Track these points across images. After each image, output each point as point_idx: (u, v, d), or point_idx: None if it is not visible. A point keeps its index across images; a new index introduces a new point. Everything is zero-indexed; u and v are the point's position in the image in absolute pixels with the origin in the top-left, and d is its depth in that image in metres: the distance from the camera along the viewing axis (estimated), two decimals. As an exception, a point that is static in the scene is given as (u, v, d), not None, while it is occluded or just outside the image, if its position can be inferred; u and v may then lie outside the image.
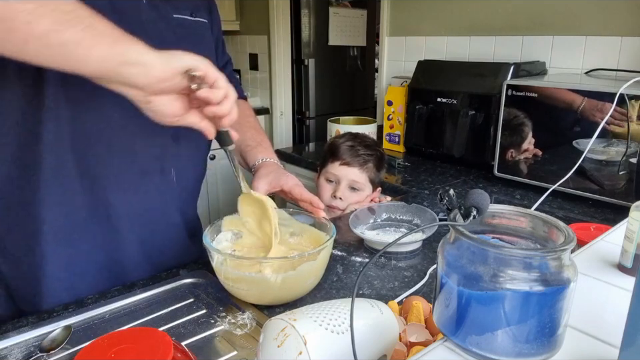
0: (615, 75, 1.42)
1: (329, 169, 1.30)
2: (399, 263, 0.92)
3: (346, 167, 1.26)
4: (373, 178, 1.29)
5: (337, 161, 1.27)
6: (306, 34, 2.97)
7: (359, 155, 1.27)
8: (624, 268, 0.58)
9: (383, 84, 2.17)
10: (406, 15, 2.05)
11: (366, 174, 1.27)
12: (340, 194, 1.26)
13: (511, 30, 1.70)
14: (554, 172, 1.24)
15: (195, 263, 0.90)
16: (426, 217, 1.03)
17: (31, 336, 0.68)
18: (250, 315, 0.72)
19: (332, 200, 1.28)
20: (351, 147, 1.28)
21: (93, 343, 0.52)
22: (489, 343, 0.42)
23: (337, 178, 1.28)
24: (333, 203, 1.28)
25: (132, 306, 0.76)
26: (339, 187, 1.27)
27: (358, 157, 1.27)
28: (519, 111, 1.31)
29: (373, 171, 1.28)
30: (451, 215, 0.47)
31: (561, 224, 0.45)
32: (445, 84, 1.62)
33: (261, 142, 1.02)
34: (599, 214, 1.18)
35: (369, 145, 1.31)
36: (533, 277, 0.40)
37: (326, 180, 1.31)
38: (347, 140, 1.31)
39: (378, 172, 1.30)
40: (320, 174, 1.35)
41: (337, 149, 1.29)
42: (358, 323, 0.54)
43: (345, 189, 1.27)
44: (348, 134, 1.37)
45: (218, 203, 2.71)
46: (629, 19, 1.41)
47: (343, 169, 1.27)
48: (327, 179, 1.31)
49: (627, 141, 1.11)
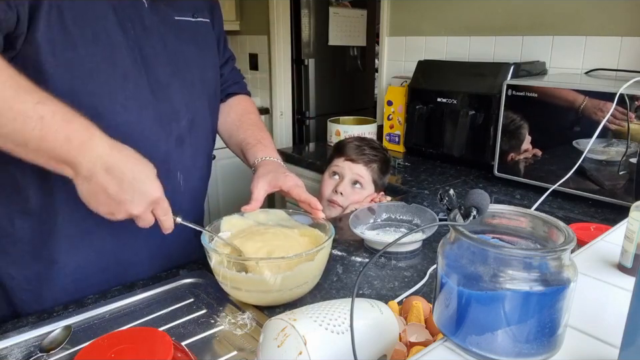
0: (615, 75, 1.42)
1: (334, 163, 1.32)
2: (399, 263, 0.92)
3: (350, 163, 1.29)
4: (376, 179, 1.29)
5: (342, 157, 1.30)
6: (306, 34, 2.97)
7: (365, 154, 1.29)
8: (624, 268, 0.58)
9: (383, 84, 2.17)
10: (406, 15, 2.05)
11: (370, 173, 1.28)
12: (342, 189, 1.27)
13: (510, 30, 1.70)
14: (554, 172, 1.24)
15: (195, 263, 0.90)
16: (426, 217, 1.03)
17: (30, 336, 0.68)
18: (250, 315, 0.72)
19: (333, 195, 1.28)
20: (358, 146, 1.31)
21: (93, 343, 0.53)
22: (489, 343, 0.42)
23: (341, 172, 1.29)
24: (333, 198, 1.28)
25: (132, 306, 0.76)
26: (341, 182, 1.28)
27: (363, 155, 1.29)
28: (519, 111, 1.31)
29: (377, 172, 1.29)
30: (451, 215, 0.47)
31: (560, 224, 0.45)
32: (445, 84, 1.62)
33: (261, 139, 1.02)
34: (599, 214, 1.17)
35: (376, 147, 1.33)
36: (533, 276, 0.40)
37: (330, 175, 1.32)
38: (354, 140, 1.35)
39: (382, 175, 1.31)
40: (325, 170, 1.37)
41: (344, 147, 1.32)
42: (358, 323, 0.53)
43: (347, 185, 1.28)
44: (357, 136, 1.43)
45: (218, 203, 2.71)
46: (628, 19, 1.41)
47: (347, 164, 1.29)
48: (332, 173, 1.32)
49: (627, 140, 1.11)
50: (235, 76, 1.13)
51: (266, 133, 1.06)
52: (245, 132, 1.03)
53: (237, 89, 1.12)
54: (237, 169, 2.56)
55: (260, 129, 1.05)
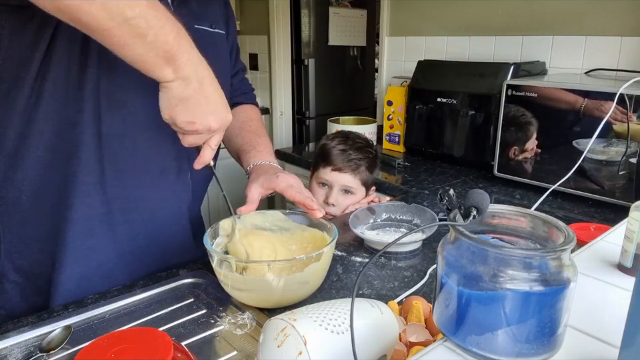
0: (615, 75, 1.42)
1: (320, 173, 1.28)
2: (399, 263, 0.92)
3: (338, 173, 1.24)
4: (365, 180, 1.27)
5: (329, 166, 1.25)
6: (306, 34, 2.97)
7: (351, 160, 1.24)
8: (624, 268, 0.58)
9: (383, 84, 2.17)
10: (406, 15, 2.05)
11: (358, 178, 1.25)
12: (333, 200, 1.25)
13: (510, 30, 1.70)
14: (554, 172, 1.24)
15: (195, 263, 0.90)
16: (426, 217, 1.03)
17: (31, 336, 0.68)
18: (250, 315, 0.72)
19: (325, 206, 1.26)
20: (343, 150, 1.25)
21: (93, 343, 0.52)
22: (489, 342, 0.42)
23: (330, 183, 1.26)
24: (326, 209, 1.26)
25: (132, 306, 0.76)
26: (331, 192, 1.25)
27: (350, 162, 1.24)
28: (519, 111, 1.31)
29: (365, 174, 1.26)
30: (451, 215, 0.47)
31: (560, 224, 0.45)
32: (444, 84, 1.62)
33: (255, 145, 1.02)
34: (599, 214, 1.18)
35: (361, 148, 1.28)
36: (532, 276, 0.40)
37: (318, 184, 1.29)
38: (338, 143, 1.28)
39: (371, 174, 1.28)
40: (312, 177, 1.33)
41: (328, 154, 1.26)
42: (358, 323, 0.53)
43: (337, 194, 1.26)
44: (340, 134, 1.33)
45: (218, 203, 2.71)
46: (629, 19, 1.41)
47: (334, 174, 1.25)
48: (319, 183, 1.29)
49: (626, 140, 1.11)
50: (244, 86, 1.15)
51: (264, 137, 1.06)
52: (242, 138, 1.04)
53: (244, 99, 1.13)
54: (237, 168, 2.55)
55: (258, 135, 1.06)
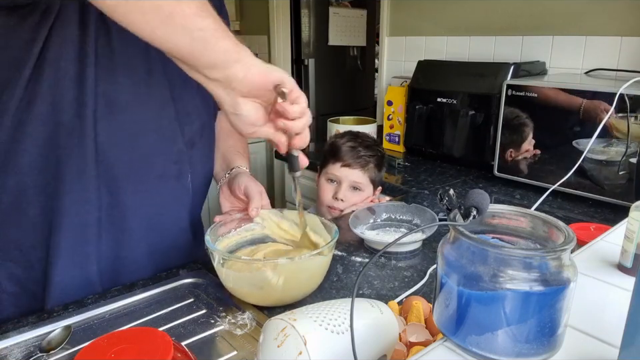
0: (615, 75, 1.42)
1: (329, 169, 1.30)
2: (399, 263, 0.92)
3: (347, 169, 1.27)
4: (374, 178, 1.29)
5: (338, 162, 1.27)
6: (306, 34, 2.98)
7: (361, 157, 1.27)
8: (624, 268, 0.58)
9: (383, 84, 2.17)
10: (406, 15, 2.05)
11: (367, 175, 1.27)
12: (341, 195, 1.26)
13: (510, 30, 1.70)
14: (554, 172, 1.24)
15: (195, 263, 0.90)
16: (426, 217, 1.03)
17: (31, 336, 0.68)
18: (250, 315, 0.72)
19: (333, 201, 1.28)
20: (352, 147, 1.28)
21: (93, 343, 0.52)
22: (489, 342, 0.42)
23: (339, 179, 1.28)
24: (334, 205, 1.28)
25: (132, 306, 0.76)
26: (340, 188, 1.27)
27: (359, 158, 1.27)
28: (519, 111, 1.31)
29: (374, 171, 1.29)
30: (451, 215, 0.47)
31: (560, 224, 0.45)
32: (444, 84, 1.62)
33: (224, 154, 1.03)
34: (599, 214, 1.18)
35: (370, 146, 1.31)
36: (532, 276, 0.40)
37: (327, 180, 1.31)
38: (347, 140, 1.31)
39: (379, 172, 1.31)
40: (320, 174, 1.35)
41: (338, 150, 1.28)
42: (358, 323, 0.53)
43: (346, 190, 1.27)
44: (348, 133, 1.36)
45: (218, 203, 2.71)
46: (629, 19, 1.41)
47: (344, 170, 1.27)
48: (328, 179, 1.31)
49: (626, 140, 1.11)
50: None
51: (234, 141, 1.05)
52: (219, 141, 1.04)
53: None
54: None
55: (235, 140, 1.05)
